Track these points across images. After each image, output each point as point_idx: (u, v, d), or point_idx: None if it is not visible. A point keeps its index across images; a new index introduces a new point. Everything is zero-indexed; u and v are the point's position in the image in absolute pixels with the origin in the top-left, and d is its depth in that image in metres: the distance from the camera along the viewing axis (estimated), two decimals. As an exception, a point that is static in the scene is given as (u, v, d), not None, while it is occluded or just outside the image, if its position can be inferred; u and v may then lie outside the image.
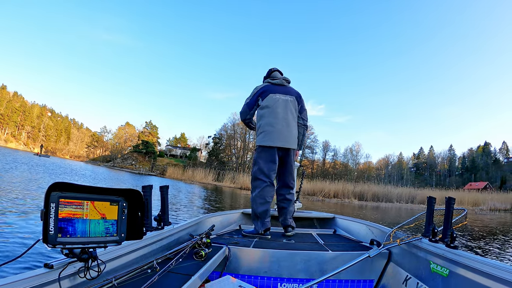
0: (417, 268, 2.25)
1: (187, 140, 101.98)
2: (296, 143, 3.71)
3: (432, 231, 2.25)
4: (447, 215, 2.09)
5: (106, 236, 1.46)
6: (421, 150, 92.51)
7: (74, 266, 1.43)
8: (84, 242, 1.36)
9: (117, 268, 1.78)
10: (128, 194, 1.58)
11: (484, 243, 8.56)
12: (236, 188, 41.77)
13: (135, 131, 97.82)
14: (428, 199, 2.32)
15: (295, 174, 3.81)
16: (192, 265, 2.11)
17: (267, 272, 2.61)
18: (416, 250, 2.32)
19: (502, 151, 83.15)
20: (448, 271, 1.90)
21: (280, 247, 2.80)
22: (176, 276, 1.84)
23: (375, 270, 2.62)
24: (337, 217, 4.54)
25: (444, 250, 2.00)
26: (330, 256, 2.65)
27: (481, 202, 34.48)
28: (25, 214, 5.70)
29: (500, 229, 13.00)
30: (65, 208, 1.30)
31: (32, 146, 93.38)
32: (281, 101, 3.65)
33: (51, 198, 1.26)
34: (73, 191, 1.35)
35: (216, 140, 76.25)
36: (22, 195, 7.60)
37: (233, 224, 4.36)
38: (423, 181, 76.13)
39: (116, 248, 1.76)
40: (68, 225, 1.30)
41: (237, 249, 2.72)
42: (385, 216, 17.18)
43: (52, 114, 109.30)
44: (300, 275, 2.59)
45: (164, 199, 2.58)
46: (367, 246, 2.98)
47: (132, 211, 1.59)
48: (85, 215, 1.38)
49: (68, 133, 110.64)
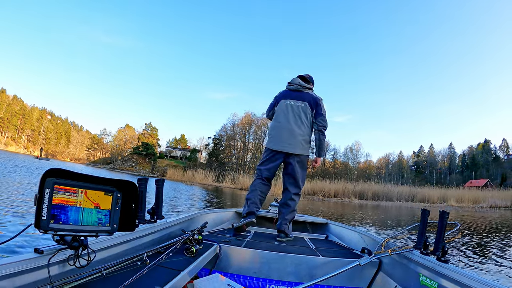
0: (407, 279, 2.24)
1: (187, 141, 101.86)
2: (302, 148, 3.64)
3: (424, 243, 2.25)
4: (440, 228, 2.10)
5: (98, 225, 1.47)
6: (421, 148, 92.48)
7: (64, 253, 1.43)
8: (76, 230, 1.37)
9: (107, 258, 1.79)
10: (123, 185, 1.59)
11: (477, 240, 8.59)
12: (237, 188, 41.71)
13: (135, 133, 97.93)
14: (422, 212, 2.33)
15: (301, 180, 3.71)
16: (182, 260, 2.12)
17: (257, 273, 2.61)
18: (407, 262, 2.31)
19: (502, 148, 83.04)
20: (437, 284, 1.90)
21: (271, 249, 2.80)
22: (165, 271, 1.85)
23: (364, 278, 2.62)
24: (330, 223, 4.56)
25: (435, 264, 1.99)
26: (321, 261, 2.65)
27: (481, 199, 34.47)
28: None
29: (492, 227, 13.04)
30: (59, 194, 1.31)
31: (32, 150, 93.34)
32: (289, 107, 3.73)
33: (46, 184, 1.27)
34: (68, 179, 1.35)
35: (216, 141, 76.23)
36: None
37: (226, 223, 4.36)
38: (423, 180, 75.99)
39: (107, 238, 1.77)
40: (61, 211, 1.31)
41: (228, 247, 2.73)
42: (385, 216, 17.18)
43: (52, 117, 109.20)
44: (289, 278, 2.59)
45: (158, 192, 2.59)
46: (358, 254, 2.96)
47: (126, 203, 1.61)
48: (79, 203, 1.39)
49: (68, 135, 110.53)
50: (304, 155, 3.68)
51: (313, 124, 3.73)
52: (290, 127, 3.65)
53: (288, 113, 3.71)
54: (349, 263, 2.42)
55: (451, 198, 35.85)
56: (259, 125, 75.22)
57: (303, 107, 3.69)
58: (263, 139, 74.21)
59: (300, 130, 3.65)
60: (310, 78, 3.96)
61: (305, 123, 3.68)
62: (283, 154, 3.66)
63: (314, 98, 3.75)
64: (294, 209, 3.68)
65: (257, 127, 75.45)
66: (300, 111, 3.69)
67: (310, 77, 3.97)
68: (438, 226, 2.11)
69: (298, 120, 3.67)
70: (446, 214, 2.11)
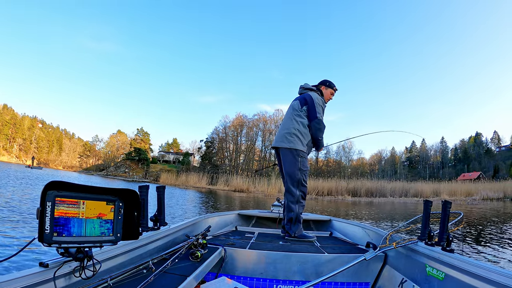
0: (413, 271, 2.25)
1: (180, 145, 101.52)
2: (286, 141, 3.62)
3: (428, 234, 2.25)
4: (443, 218, 2.10)
5: (102, 235, 1.47)
6: (413, 143, 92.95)
7: (70, 266, 1.43)
8: (79, 242, 1.37)
9: (112, 268, 1.79)
10: (125, 194, 1.59)
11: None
12: (230, 190, 41.71)
13: (127, 138, 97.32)
14: (425, 202, 2.34)
15: (297, 177, 3.55)
16: (188, 265, 2.13)
17: (263, 274, 2.61)
18: (412, 253, 2.32)
19: (493, 140, 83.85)
20: (444, 274, 1.90)
21: (276, 249, 2.81)
22: (171, 277, 1.85)
23: (371, 273, 2.63)
24: (333, 220, 4.57)
25: (440, 254, 2.00)
26: (326, 258, 2.66)
27: (474, 192, 34.78)
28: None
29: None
30: (61, 207, 1.31)
31: (24, 159, 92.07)
32: (289, 108, 3.90)
33: (47, 197, 1.27)
34: (69, 190, 1.36)
35: (208, 144, 76.03)
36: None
37: (229, 225, 4.36)
38: (416, 175, 76.48)
39: (111, 248, 1.76)
40: (64, 224, 1.32)
41: (233, 250, 2.73)
42: (379, 211, 17.26)
43: (43, 125, 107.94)
44: (295, 277, 2.60)
45: (160, 199, 2.58)
46: (363, 249, 2.98)
47: (128, 211, 1.61)
48: (81, 215, 1.39)
49: (60, 143, 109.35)
50: (286, 148, 3.62)
51: (303, 119, 3.70)
52: (283, 123, 3.80)
53: (287, 112, 3.87)
54: (355, 258, 2.43)
55: (443, 191, 36.22)
56: (250, 126, 75.34)
57: (296, 103, 3.80)
58: (255, 140, 74.39)
59: (286, 125, 3.73)
60: (322, 81, 4.09)
61: (293, 119, 3.71)
62: (276, 151, 3.80)
63: (307, 94, 3.81)
64: (291, 209, 3.56)
65: (249, 129, 75.60)
66: (291, 108, 3.82)
67: (322, 80, 4.10)
68: (441, 216, 2.12)
69: (287, 117, 3.80)
70: (449, 203, 2.12)
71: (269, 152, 74.34)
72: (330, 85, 4.03)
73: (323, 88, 4.01)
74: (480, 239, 7.71)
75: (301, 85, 4.03)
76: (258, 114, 76.90)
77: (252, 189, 41.91)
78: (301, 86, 4.02)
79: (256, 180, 44.84)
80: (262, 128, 75.17)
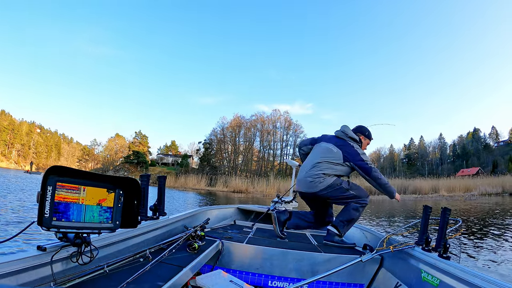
0: (408, 275, 2.26)
1: (178, 148, 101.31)
2: (317, 187, 3.34)
3: (425, 240, 2.27)
4: (442, 225, 2.12)
5: (100, 222, 1.50)
6: (412, 141, 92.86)
7: (67, 251, 1.46)
8: (78, 227, 1.40)
9: (109, 255, 1.81)
10: (126, 182, 1.61)
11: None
12: (229, 191, 41.66)
13: (125, 142, 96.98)
14: (424, 208, 2.35)
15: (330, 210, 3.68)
16: (185, 257, 2.15)
17: (259, 269, 2.63)
18: (409, 258, 2.33)
19: (492, 135, 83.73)
20: (439, 281, 1.90)
21: (273, 245, 2.82)
22: (168, 267, 1.87)
23: (366, 274, 2.65)
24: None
25: (436, 260, 2.00)
26: (323, 257, 2.67)
27: (472, 187, 34.75)
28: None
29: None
30: (61, 192, 1.33)
31: (23, 164, 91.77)
32: (317, 148, 3.59)
33: (48, 181, 1.29)
34: (71, 176, 1.37)
35: (206, 145, 75.90)
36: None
37: (228, 219, 4.38)
38: (415, 171, 76.27)
39: (110, 235, 1.79)
40: (63, 209, 1.34)
41: (230, 244, 2.75)
42: (376, 210, 17.28)
43: (41, 130, 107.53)
44: (291, 274, 2.61)
45: (160, 189, 2.61)
46: (359, 250, 2.98)
47: (128, 200, 1.63)
48: (81, 200, 1.41)
49: (58, 148, 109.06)
50: (317, 193, 3.44)
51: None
52: (306, 169, 3.53)
53: (315, 153, 3.59)
54: (351, 259, 2.45)
55: (442, 188, 36.14)
56: (248, 127, 75.25)
57: (330, 148, 3.51)
58: (253, 141, 74.26)
59: (319, 168, 3.45)
60: (360, 129, 3.72)
61: (324, 163, 3.45)
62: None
63: (345, 141, 3.54)
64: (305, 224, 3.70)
65: (247, 129, 75.44)
66: (326, 152, 3.52)
67: (360, 128, 3.74)
68: (440, 222, 2.14)
69: (319, 160, 3.49)
70: (448, 210, 2.14)
71: (267, 152, 74.52)
72: (368, 136, 3.72)
73: (362, 137, 3.65)
74: (474, 231, 7.74)
75: (342, 129, 3.60)
76: (256, 115, 76.84)
77: (251, 190, 41.88)
78: (342, 130, 3.58)
79: (255, 180, 44.81)
80: (260, 129, 75.11)
